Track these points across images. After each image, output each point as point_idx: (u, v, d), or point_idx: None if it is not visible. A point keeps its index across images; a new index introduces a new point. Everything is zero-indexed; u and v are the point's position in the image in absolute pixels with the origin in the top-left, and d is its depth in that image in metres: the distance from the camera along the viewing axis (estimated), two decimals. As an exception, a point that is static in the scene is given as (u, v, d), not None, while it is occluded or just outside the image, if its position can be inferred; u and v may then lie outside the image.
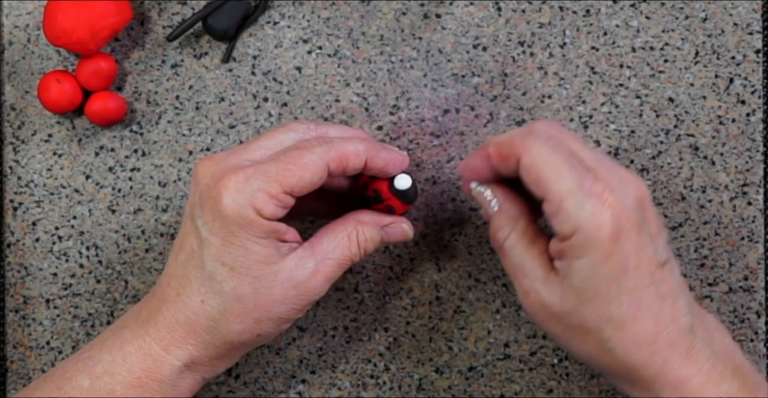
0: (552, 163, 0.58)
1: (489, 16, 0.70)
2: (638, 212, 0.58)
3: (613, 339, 0.58)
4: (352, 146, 0.61)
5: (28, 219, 0.70)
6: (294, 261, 0.61)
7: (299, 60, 0.70)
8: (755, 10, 0.70)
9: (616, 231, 0.57)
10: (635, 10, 0.70)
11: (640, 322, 0.58)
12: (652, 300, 0.58)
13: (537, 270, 0.60)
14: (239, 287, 0.60)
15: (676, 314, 0.58)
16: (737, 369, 0.59)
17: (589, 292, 0.58)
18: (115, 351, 0.62)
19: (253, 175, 0.59)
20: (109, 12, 0.67)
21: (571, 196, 0.57)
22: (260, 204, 0.59)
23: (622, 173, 0.59)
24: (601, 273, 0.57)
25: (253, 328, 0.61)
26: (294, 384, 0.70)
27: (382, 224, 0.64)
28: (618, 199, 0.57)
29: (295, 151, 0.60)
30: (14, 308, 0.70)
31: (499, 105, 0.70)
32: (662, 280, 0.58)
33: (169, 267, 0.62)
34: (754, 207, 0.70)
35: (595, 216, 0.57)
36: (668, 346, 0.58)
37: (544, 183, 0.58)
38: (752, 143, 0.70)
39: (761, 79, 0.70)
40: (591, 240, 0.57)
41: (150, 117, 0.70)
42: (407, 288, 0.70)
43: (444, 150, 0.70)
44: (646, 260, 0.58)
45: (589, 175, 0.58)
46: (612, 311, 0.58)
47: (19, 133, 0.70)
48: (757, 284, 0.70)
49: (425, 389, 0.70)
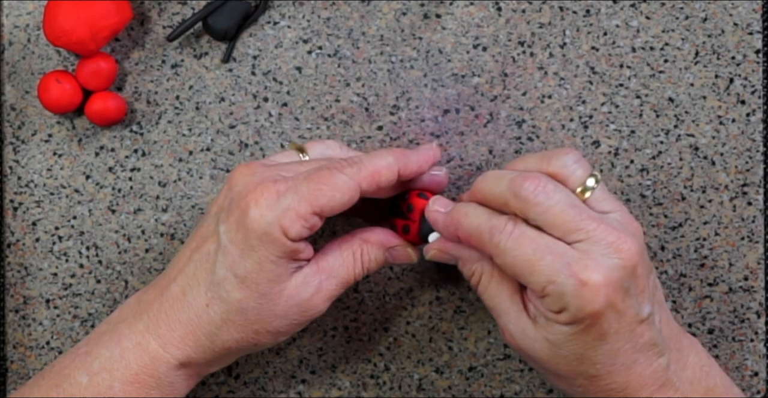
0: (523, 259, 0.58)
1: (489, 16, 0.70)
2: (626, 281, 0.58)
3: (585, 386, 0.60)
4: (382, 160, 0.61)
5: (28, 219, 0.70)
6: (300, 279, 0.61)
7: (299, 60, 0.70)
8: (755, 10, 0.70)
9: (602, 308, 0.57)
10: (635, 10, 0.70)
11: (613, 376, 0.59)
12: (629, 355, 0.59)
13: (509, 311, 0.61)
14: (245, 300, 0.60)
15: (651, 361, 0.60)
16: (709, 390, 0.61)
17: (564, 350, 0.59)
18: (112, 347, 0.62)
19: (285, 192, 0.59)
20: (109, 12, 0.67)
21: (550, 283, 0.58)
22: (288, 224, 0.59)
23: (610, 240, 0.58)
24: (580, 339, 0.58)
25: (251, 338, 0.61)
26: (294, 384, 0.70)
27: (387, 246, 0.64)
28: (603, 275, 0.57)
29: (326, 171, 0.60)
30: (14, 308, 0.70)
31: (499, 105, 0.70)
32: (641, 334, 0.59)
33: (179, 262, 0.62)
34: (754, 207, 0.70)
35: (579, 299, 0.57)
36: (639, 388, 0.60)
37: (522, 277, 0.59)
38: (752, 143, 0.70)
39: (761, 79, 0.70)
40: (576, 317, 0.58)
41: (150, 117, 0.70)
42: (407, 288, 0.70)
43: (444, 150, 0.70)
44: (627, 323, 0.58)
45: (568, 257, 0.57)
46: (586, 368, 0.59)
47: (19, 133, 0.70)
48: (757, 284, 0.70)
49: (425, 389, 0.70)
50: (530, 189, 0.59)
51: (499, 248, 0.59)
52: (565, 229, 0.58)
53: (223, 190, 0.62)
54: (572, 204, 0.59)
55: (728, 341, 0.70)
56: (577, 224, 0.58)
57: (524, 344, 0.60)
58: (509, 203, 0.59)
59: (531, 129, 0.70)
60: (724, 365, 0.70)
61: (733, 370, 0.70)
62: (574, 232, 0.58)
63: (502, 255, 0.59)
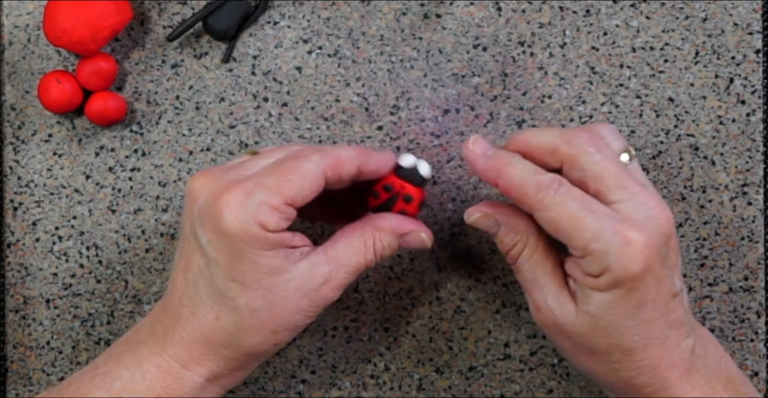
0: (568, 215, 0.58)
1: (489, 16, 0.70)
2: (663, 247, 0.58)
3: (620, 363, 0.60)
4: (344, 152, 0.61)
5: (28, 219, 0.70)
6: (307, 268, 0.60)
7: (299, 60, 0.70)
8: (755, 10, 0.70)
9: (643, 269, 0.57)
10: (635, 10, 0.70)
11: (648, 350, 0.59)
12: (662, 329, 0.59)
13: (550, 285, 0.61)
14: (252, 301, 0.59)
15: (680, 340, 0.60)
16: (729, 381, 0.61)
17: (603, 321, 0.59)
18: (133, 368, 0.61)
19: (253, 189, 0.59)
20: (109, 12, 0.67)
21: (595, 240, 0.57)
22: (264, 219, 0.58)
23: (652, 205, 0.59)
24: (620, 306, 0.58)
25: (270, 339, 0.61)
26: (294, 384, 0.70)
27: (400, 232, 0.63)
28: (645, 236, 0.57)
29: (291, 161, 0.60)
30: (14, 308, 0.70)
31: (499, 105, 0.70)
32: (673, 310, 0.59)
33: (176, 285, 0.61)
34: (754, 207, 0.70)
35: (623, 257, 0.57)
36: (669, 368, 0.60)
37: (566, 234, 0.58)
38: (752, 143, 0.70)
39: (761, 79, 0.70)
40: (618, 279, 0.58)
41: (150, 117, 0.70)
42: (407, 288, 0.70)
43: (444, 150, 0.70)
44: (663, 293, 0.59)
45: (611, 217, 0.58)
46: (623, 340, 0.59)
47: (19, 133, 0.70)
48: (757, 284, 0.70)
49: (425, 389, 0.70)
50: (584, 138, 0.60)
51: (544, 203, 0.58)
52: (611, 184, 0.58)
53: (187, 204, 0.61)
54: (620, 164, 0.60)
55: (728, 341, 0.70)
56: (624, 182, 0.59)
57: (562, 318, 0.60)
58: (559, 150, 0.60)
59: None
60: (724, 365, 0.70)
61: (733, 370, 0.70)
62: (620, 190, 0.58)
63: (546, 210, 0.58)
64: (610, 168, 0.59)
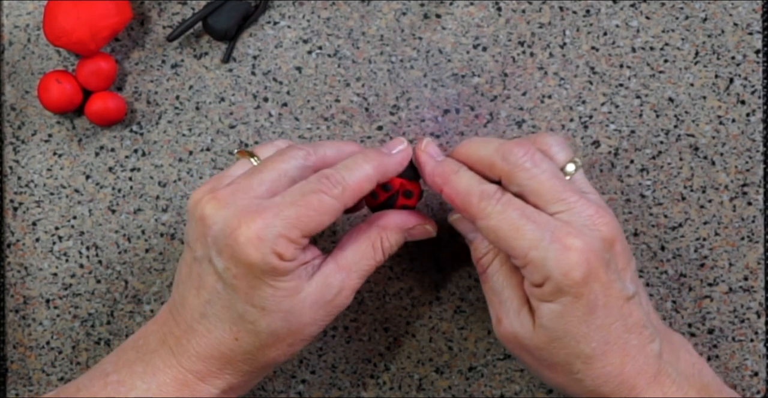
0: (509, 223, 0.59)
1: (489, 16, 0.70)
2: (605, 252, 0.59)
3: (582, 372, 0.60)
4: (361, 173, 0.61)
5: (28, 219, 0.70)
6: (320, 281, 0.60)
7: (299, 60, 0.70)
8: (755, 10, 0.70)
9: (585, 274, 0.58)
10: (635, 10, 0.70)
11: (609, 356, 0.59)
12: (620, 334, 0.59)
13: (513, 299, 0.61)
14: (273, 324, 0.60)
15: (644, 344, 0.60)
16: (704, 387, 0.61)
17: (558, 332, 0.59)
18: (148, 379, 0.61)
19: (272, 221, 0.58)
20: (109, 12, 0.67)
21: (533, 248, 0.58)
22: (282, 250, 0.58)
23: (590, 212, 0.59)
24: (570, 314, 0.59)
25: (287, 351, 0.61)
26: (294, 384, 0.70)
27: (406, 227, 0.63)
28: (583, 242, 0.58)
29: (313, 195, 0.59)
30: (14, 308, 0.70)
31: (499, 105, 0.70)
32: (629, 313, 0.60)
33: (188, 301, 0.61)
34: (754, 207, 0.70)
35: (562, 264, 0.58)
36: (636, 375, 0.60)
37: (506, 242, 0.59)
38: (752, 143, 0.70)
39: (761, 79, 0.70)
40: (561, 286, 0.58)
41: (150, 117, 0.70)
42: (407, 288, 0.70)
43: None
44: (613, 297, 0.59)
45: (551, 225, 0.58)
46: (581, 348, 0.59)
47: (19, 133, 0.70)
48: (757, 284, 0.70)
49: (425, 389, 0.70)
50: (519, 154, 0.60)
51: (486, 211, 0.59)
52: (548, 198, 0.59)
53: (198, 228, 0.60)
54: (557, 176, 0.60)
55: (728, 341, 0.70)
56: (560, 194, 0.59)
57: (522, 333, 0.60)
58: (495, 165, 0.60)
59: (531, 129, 0.70)
60: (724, 365, 0.70)
61: (733, 370, 0.70)
62: (557, 202, 0.59)
63: (488, 218, 0.59)
64: (545, 182, 0.60)
